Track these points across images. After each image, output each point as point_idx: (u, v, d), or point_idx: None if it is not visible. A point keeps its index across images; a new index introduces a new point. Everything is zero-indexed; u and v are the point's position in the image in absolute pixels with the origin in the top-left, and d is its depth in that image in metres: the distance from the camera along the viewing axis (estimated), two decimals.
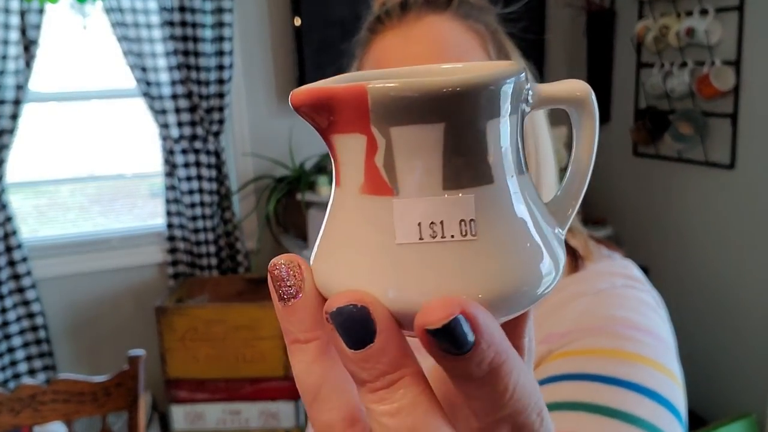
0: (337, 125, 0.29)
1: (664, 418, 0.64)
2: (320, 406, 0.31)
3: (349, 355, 0.28)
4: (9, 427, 1.60)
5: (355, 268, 0.29)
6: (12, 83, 2.72)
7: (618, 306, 0.73)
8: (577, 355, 0.68)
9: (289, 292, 0.30)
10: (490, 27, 0.82)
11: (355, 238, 0.29)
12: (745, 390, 2.82)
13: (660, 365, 0.68)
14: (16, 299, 2.90)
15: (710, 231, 2.92)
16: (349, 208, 0.30)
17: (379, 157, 0.28)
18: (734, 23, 2.66)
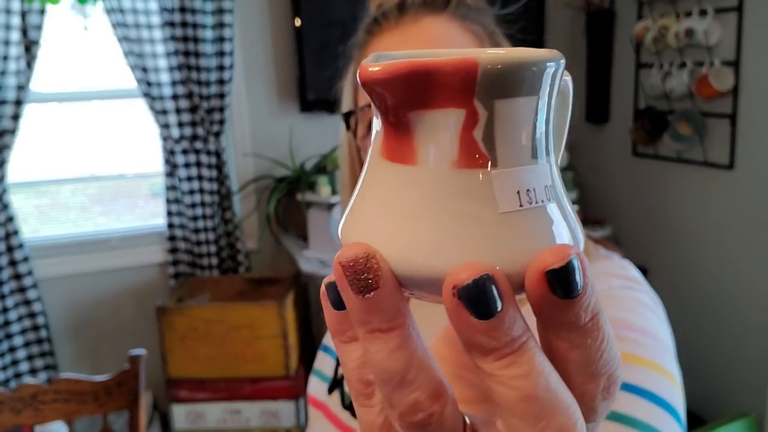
0: (428, 100, 0.29)
1: (663, 420, 0.64)
2: (405, 389, 0.30)
3: (477, 326, 0.28)
4: (10, 426, 1.60)
5: (462, 241, 0.29)
6: (13, 83, 2.73)
7: (615, 307, 0.73)
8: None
9: (369, 285, 0.29)
10: (487, 28, 0.82)
11: (452, 213, 0.29)
12: (744, 389, 2.82)
13: (658, 366, 0.68)
14: (18, 299, 2.91)
15: (709, 231, 2.92)
16: (437, 184, 0.29)
17: (479, 130, 0.29)
18: (733, 24, 2.66)
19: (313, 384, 0.99)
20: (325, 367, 0.99)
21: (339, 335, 0.33)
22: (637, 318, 0.72)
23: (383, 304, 0.30)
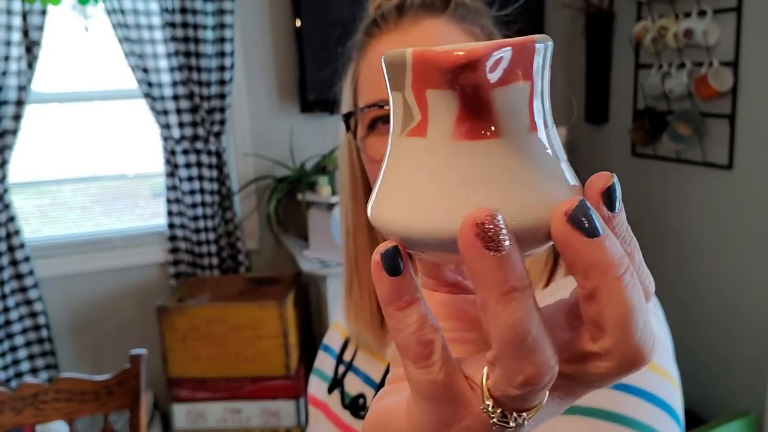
0: (506, 76, 0.32)
1: (661, 420, 0.64)
2: (537, 350, 0.31)
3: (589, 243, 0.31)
4: (11, 425, 1.60)
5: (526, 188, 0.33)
6: (14, 84, 2.74)
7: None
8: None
9: (502, 242, 0.30)
10: (486, 29, 0.82)
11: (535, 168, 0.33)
12: (744, 389, 2.82)
13: (655, 367, 0.68)
14: (19, 298, 2.91)
15: (708, 231, 2.92)
16: (524, 148, 0.33)
17: (537, 100, 0.33)
18: (732, 24, 2.66)
19: (314, 383, 1.00)
20: (326, 367, 0.99)
21: (395, 302, 0.34)
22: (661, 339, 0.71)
23: (517, 260, 0.31)
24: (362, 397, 0.89)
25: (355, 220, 0.89)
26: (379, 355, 0.91)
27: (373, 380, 0.90)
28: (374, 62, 0.81)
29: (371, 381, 0.90)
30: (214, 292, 3.07)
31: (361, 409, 0.88)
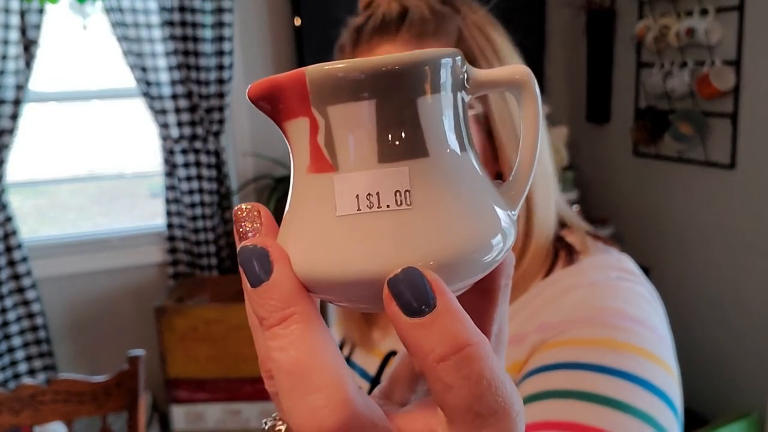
0: (286, 112, 0.32)
1: (656, 407, 0.64)
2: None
3: (249, 293, 0.30)
4: (9, 426, 1.60)
5: (299, 239, 0.31)
6: (12, 83, 2.73)
7: (611, 297, 0.73)
8: (570, 345, 0.68)
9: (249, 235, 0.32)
10: (450, 39, 0.79)
11: (304, 214, 0.31)
12: (746, 389, 2.83)
13: (653, 355, 0.68)
14: (16, 299, 2.91)
15: (710, 230, 2.92)
16: (300, 188, 0.32)
17: (321, 136, 0.30)
18: (734, 23, 2.67)
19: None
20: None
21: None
22: (632, 308, 0.72)
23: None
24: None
25: None
26: (375, 350, 0.92)
27: (369, 374, 0.91)
28: None
29: (367, 374, 0.91)
30: (213, 293, 3.07)
31: None
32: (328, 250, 0.30)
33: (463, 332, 0.28)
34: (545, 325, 0.72)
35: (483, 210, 0.31)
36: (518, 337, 0.74)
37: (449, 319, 0.28)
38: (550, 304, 0.74)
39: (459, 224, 0.30)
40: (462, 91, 0.33)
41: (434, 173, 0.30)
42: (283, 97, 0.31)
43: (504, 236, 0.31)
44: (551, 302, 0.74)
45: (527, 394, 0.68)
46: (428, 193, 0.30)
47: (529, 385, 0.68)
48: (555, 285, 0.77)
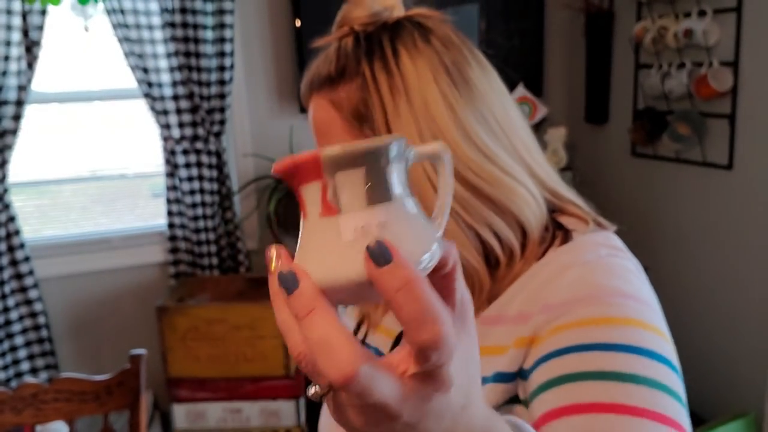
0: (302, 179, 0.46)
1: (663, 372, 0.70)
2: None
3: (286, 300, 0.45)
4: (11, 425, 1.61)
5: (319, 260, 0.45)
6: (14, 84, 2.75)
7: (604, 275, 0.77)
8: (575, 327, 0.73)
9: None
10: (351, 89, 0.84)
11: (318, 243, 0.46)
12: (744, 389, 2.84)
13: (649, 325, 0.73)
14: (19, 298, 2.92)
15: (708, 230, 2.93)
16: (313, 228, 0.46)
17: (330, 192, 0.45)
18: (732, 24, 2.67)
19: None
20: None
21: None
22: (624, 284, 0.76)
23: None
24: None
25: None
26: (387, 330, 0.99)
27: (382, 351, 0.98)
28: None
29: (380, 352, 0.97)
30: (213, 292, 3.08)
31: None
32: (342, 264, 0.44)
33: (410, 273, 0.42)
34: (549, 306, 0.76)
35: (424, 231, 0.47)
36: (523, 316, 0.79)
37: (400, 265, 0.42)
38: (550, 283, 0.78)
39: (414, 240, 0.45)
40: (406, 160, 0.49)
41: (397, 211, 0.46)
42: (301, 170, 0.46)
43: (438, 245, 0.46)
44: (551, 281, 0.78)
45: (544, 380, 0.73)
46: (396, 223, 0.45)
47: (545, 371, 0.73)
48: (551, 264, 0.81)
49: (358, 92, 0.83)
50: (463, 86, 0.83)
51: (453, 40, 0.87)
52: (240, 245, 3.24)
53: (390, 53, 0.83)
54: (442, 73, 0.83)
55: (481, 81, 0.85)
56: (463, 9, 3.34)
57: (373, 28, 0.86)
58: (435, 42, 0.85)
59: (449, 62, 0.84)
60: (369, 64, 0.83)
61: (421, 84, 0.81)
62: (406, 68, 0.82)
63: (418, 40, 0.84)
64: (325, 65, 0.87)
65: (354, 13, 0.87)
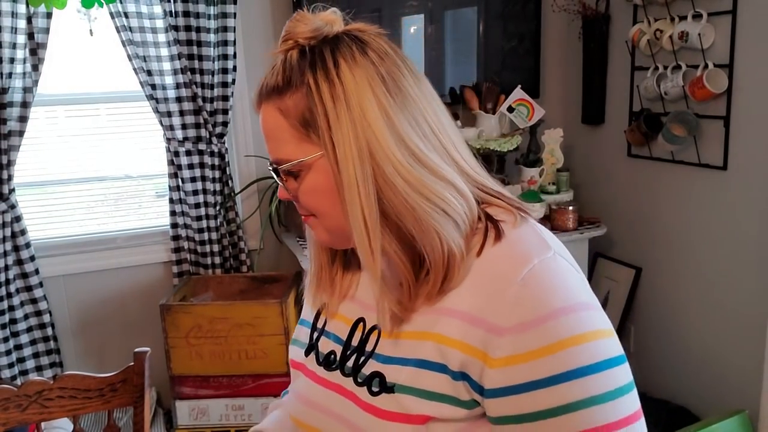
0: None
1: (613, 376, 0.80)
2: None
3: None
4: (16, 422, 1.61)
5: None
6: (20, 86, 2.77)
7: (540, 293, 0.82)
8: (524, 361, 0.80)
9: None
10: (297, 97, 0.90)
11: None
12: (738, 387, 2.84)
13: (589, 334, 0.80)
14: (24, 297, 2.95)
15: (703, 230, 2.94)
16: None
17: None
18: (727, 27, 2.68)
19: (293, 351, 1.16)
20: (302, 336, 1.16)
21: None
22: (560, 297, 0.82)
23: None
24: (333, 353, 1.04)
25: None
26: (345, 318, 1.06)
27: (341, 338, 1.05)
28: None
29: (339, 339, 1.05)
30: (216, 291, 3.10)
31: (332, 363, 1.03)
32: None
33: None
34: (495, 327, 0.81)
35: None
36: (473, 319, 0.84)
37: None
38: (493, 297, 0.83)
39: None
40: None
41: None
42: None
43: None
44: (494, 296, 0.83)
45: (504, 414, 0.82)
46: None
47: (503, 405, 0.81)
48: (490, 268, 0.87)
49: (303, 100, 0.89)
50: (397, 93, 0.89)
51: (388, 51, 0.93)
52: (242, 245, 3.27)
53: (331, 64, 0.88)
54: (378, 82, 0.88)
55: (413, 88, 0.92)
56: (461, 12, 3.36)
57: (316, 42, 0.92)
58: (371, 54, 0.91)
59: (384, 72, 0.90)
60: (312, 74, 0.88)
61: (358, 92, 0.87)
62: (346, 78, 0.87)
63: (356, 53, 0.90)
64: (273, 76, 0.92)
65: (298, 28, 0.93)
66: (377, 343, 0.96)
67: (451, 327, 0.86)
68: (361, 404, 0.93)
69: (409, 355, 0.90)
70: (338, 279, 1.09)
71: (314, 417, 1.03)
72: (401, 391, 0.88)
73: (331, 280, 1.09)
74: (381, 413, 0.89)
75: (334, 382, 1.00)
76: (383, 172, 0.86)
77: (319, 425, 1.02)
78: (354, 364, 0.98)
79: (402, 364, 0.90)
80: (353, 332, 1.02)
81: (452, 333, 0.85)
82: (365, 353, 0.97)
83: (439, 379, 0.86)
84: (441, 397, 0.86)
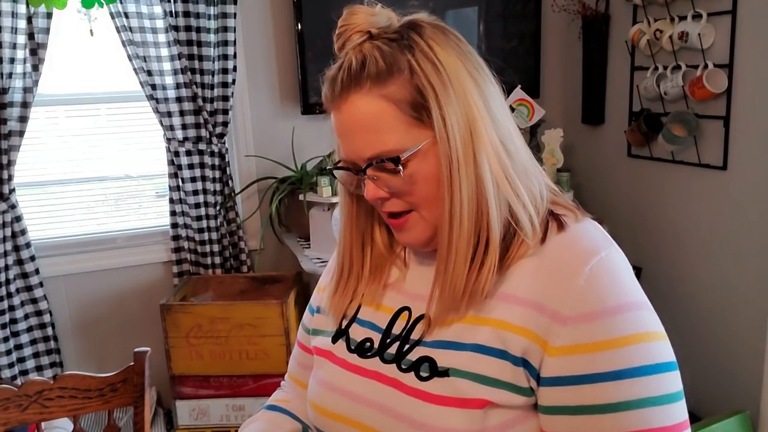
0: None
1: (666, 381, 0.80)
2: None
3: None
4: (16, 422, 1.61)
5: None
6: (20, 86, 2.77)
7: (605, 286, 0.83)
8: (584, 352, 0.80)
9: None
10: (403, 74, 0.88)
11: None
12: (739, 387, 2.84)
13: (648, 334, 0.82)
14: (24, 297, 2.95)
15: (703, 231, 2.94)
16: None
17: None
18: (727, 27, 2.68)
19: (317, 340, 1.12)
20: (324, 325, 1.13)
21: None
22: (624, 293, 0.84)
23: None
24: (369, 341, 1.02)
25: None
26: (384, 307, 1.04)
27: (379, 326, 1.02)
28: (332, 128, 0.94)
29: (377, 327, 1.02)
30: (216, 291, 3.11)
31: (369, 350, 1.01)
32: None
33: None
34: (558, 315, 0.82)
35: None
36: (535, 305, 0.84)
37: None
38: (558, 284, 0.84)
39: None
40: None
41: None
42: None
43: None
44: (560, 283, 0.84)
45: (560, 404, 0.82)
46: None
47: (560, 394, 0.82)
48: (554, 254, 0.87)
49: (408, 84, 0.87)
50: (482, 75, 0.91)
51: (459, 36, 0.93)
52: (242, 245, 3.27)
53: (426, 47, 0.88)
54: (468, 62, 0.90)
55: (489, 74, 0.93)
56: (462, 12, 3.36)
57: (394, 30, 0.91)
58: (451, 37, 0.91)
59: (468, 53, 0.91)
60: (413, 56, 0.87)
61: (456, 72, 0.87)
62: (443, 58, 0.87)
63: (440, 36, 0.90)
64: (364, 66, 0.88)
65: (370, 20, 0.91)
66: (426, 331, 0.94)
67: (511, 313, 0.86)
68: (406, 389, 0.91)
69: (465, 339, 0.88)
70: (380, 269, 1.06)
71: (344, 405, 0.99)
72: (457, 375, 0.87)
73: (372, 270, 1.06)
74: (432, 398, 0.87)
75: (371, 369, 0.98)
76: (482, 151, 0.86)
77: (347, 413, 0.99)
78: (397, 351, 0.96)
79: (457, 348, 0.89)
80: (394, 321, 1.00)
81: (513, 319, 0.85)
82: (411, 341, 0.95)
83: (499, 365, 0.85)
84: (499, 383, 0.84)
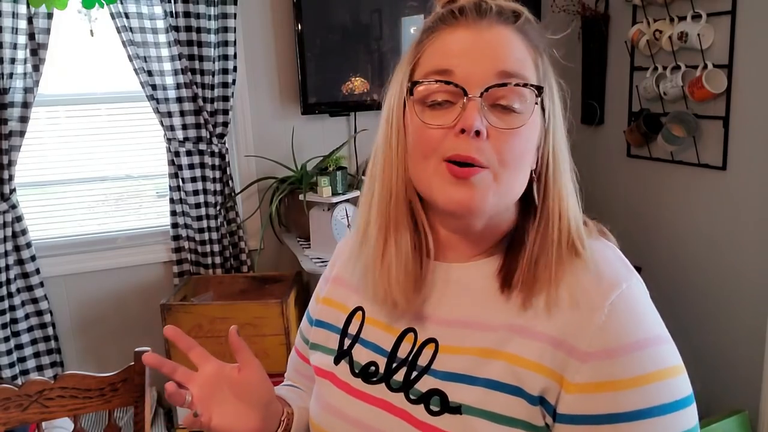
0: None
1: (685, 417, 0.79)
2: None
3: None
4: (17, 422, 1.61)
5: None
6: (21, 86, 2.77)
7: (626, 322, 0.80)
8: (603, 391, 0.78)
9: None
10: (539, 49, 0.91)
11: None
12: (738, 387, 2.85)
13: (669, 370, 0.80)
14: (25, 297, 2.95)
15: (702, 231, 2.95)
16: None
17: None
18: (726, 27, 2.68)
19: (317, 357, 1.08)
20: (328, 341, 1.07)
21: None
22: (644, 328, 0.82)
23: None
24: (374, 364, 0.97)
25: (397, 186, 0.92)
26: (388, 327, 0.97)
27: (384, 349, 0.96)
28: (445, 43, 0.88)
29: (381, 350, 0.97)
30: (217, 291, 3.11)
31: (373, 375, 0.96)
32: None
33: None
34: (577, 351, 0.79)
35: None
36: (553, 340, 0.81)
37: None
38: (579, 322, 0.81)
39: None
40: None
41: None
42: None
43: None
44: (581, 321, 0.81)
45: None
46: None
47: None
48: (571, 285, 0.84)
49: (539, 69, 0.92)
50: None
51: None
52: (242, 245, 3.27)
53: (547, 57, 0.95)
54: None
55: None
56: None
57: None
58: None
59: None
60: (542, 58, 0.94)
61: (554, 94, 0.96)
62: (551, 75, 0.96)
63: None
64: (519, 16, 0.91)
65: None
66: (434, 358, 0.90)
67: (526, 347, 0.82)
68: (416, 423, 0.88)
69: (477, 373, 0.84)
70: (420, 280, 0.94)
71: (348, 431, 0.96)
72: (470, 413, 0.83)
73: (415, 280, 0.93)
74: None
75: (378, 397, 0.94)
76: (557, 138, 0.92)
77: None
78: (405, 378, 0.91)
79: (468, 382, 0.85)
80: (399, 343, 0.95)
81: (529, 354, 0.82)
82: (418, 368, 0.91)
83: (513, 402, 0.81)
84: (514, 422, 0.81)
